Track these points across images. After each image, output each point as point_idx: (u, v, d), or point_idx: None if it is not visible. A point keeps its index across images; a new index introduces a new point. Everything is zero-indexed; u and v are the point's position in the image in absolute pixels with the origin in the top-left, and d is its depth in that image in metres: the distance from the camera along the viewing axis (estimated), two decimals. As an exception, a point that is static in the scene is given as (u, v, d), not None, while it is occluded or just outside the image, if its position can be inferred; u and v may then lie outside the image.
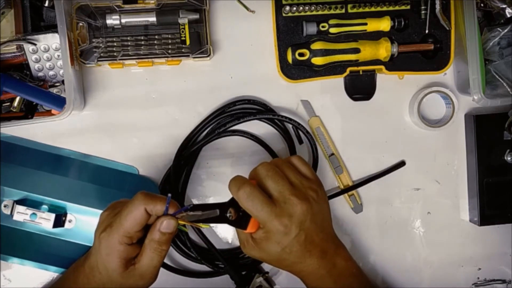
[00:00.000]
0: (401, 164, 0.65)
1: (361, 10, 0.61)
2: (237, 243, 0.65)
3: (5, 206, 0.60)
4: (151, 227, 0.48)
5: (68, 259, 0.61)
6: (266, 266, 0.64)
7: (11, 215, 0.60)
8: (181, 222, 0.49)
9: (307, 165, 0.54)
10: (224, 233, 0.65)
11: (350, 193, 0.65)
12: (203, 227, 0.57)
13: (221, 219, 0.49)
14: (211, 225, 0.64)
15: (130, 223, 0.47)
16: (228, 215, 0.49)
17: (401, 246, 0.66)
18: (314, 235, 0.49)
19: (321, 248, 0.50)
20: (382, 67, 0.61)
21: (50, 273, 0.63)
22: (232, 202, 0.50)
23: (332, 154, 0.64)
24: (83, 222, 0.62)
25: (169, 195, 0.48)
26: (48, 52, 0.59)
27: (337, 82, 0.64)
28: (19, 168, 0.62)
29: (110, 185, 0.63)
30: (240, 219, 0.49)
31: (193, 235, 0.63)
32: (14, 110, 0.59)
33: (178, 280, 0.63)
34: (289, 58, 0.61)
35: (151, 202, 0.47)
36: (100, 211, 0.52)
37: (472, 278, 0.67)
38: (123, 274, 0.48)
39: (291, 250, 0.49)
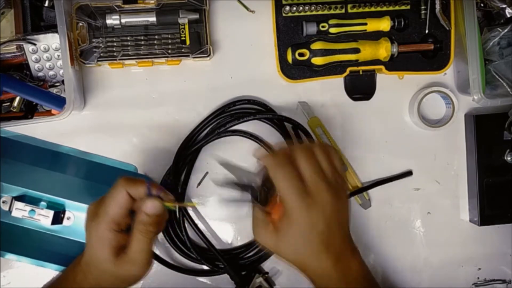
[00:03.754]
0: (408, 173, 0.65)
1: (361, 10, 0.61)
2: (237, 243, 0.65)
3: (3, 202, 0.60)
4: (137, 210, 0.48)
5: (66, 256, 0.61)
6: (266, 266, 0.64)
7: (10, 211, 0.60)
8: (168, 205, 0.49)
9: (339, 159, 0.50)
10: (224, 233, 0.65)
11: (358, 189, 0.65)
12: (190, 206, 0.57)
13: (251, 199, 0.47)
14: (207, 212, 0.64)
15: (114, 208, 0.47)
16: (258, 196, 0.47)
17: (401, 246, 0.66)
18: (335, 232, 0.47)
19: (339, 248, 0.48)
20: (382, 67, 0.61)
21: (50, 274, 0.63)
22: (264, 181, 0.47)
23: (335, 152, 0.64)
24: (82, 219, 0.62)
25: (147, 176, 0.48)
26: (48, 52, 0.59)
27: (337, 82, 0.64)
28: (18, 164, 0.62)
29: (109, 182, 0.62)
30: (265, 196, 0.47)
31: (193, 235, 0.63)
32: (14, 110, 0.59)
33: (178, 279, 0.63)
34: (289, 58, 0.61)
35: (133, 185, 0.48)
36: None
37: (472, 278, 0.67)
38: (115, 263, 0.48)
39: (308, 238, 0.46)
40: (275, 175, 0.45)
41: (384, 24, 0.61)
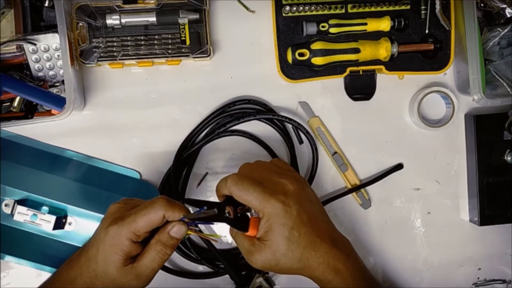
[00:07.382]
0: (399, 166, 0.65)
1: (361, 10, 0.61)
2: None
3: (6, 206, 0.60)
4: (161, 229, 0.48)
5: (66, 261, 0.61)
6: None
7: (12, 215, 0.60)
8: (190, 233, 0.49)
9: (288, 165, 0.55)
10: (224, 233, 0.65)
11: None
12: (215, 237, 0.58)
13: (220, 218, 0.48)
14: (214, 225, 0.64)
15: (144, 223, 0.47)
16: (226, 213, 0.48)
17: (401, 246, 0.66)
18: (316, 217, 0.48)
19: (329, 235, 0.48)
20: (382, 67, 0.61)
21: (50, 274, 0.63)
22: (227, 201, 0.49)
23: (335, 152, 0.64)
24: (83, 225, 0.62)
25: (190, 209, 0.49)
26: (48, 52, 0.59)
27: (337, 82, 0.64)
28: (21, 168, 0.62)
29: (112, 189, 0.62)
30: (240, 221, 0.48)
31: (192, 235, 0.63)
32: (14, 110, 0.59)
33: (178, 282, 0.63)
34: (289, 58, 0.61)
35: (171, 209, 0.47)
36: (101, 216, 0.51)
37: (472, 278, 0.67)
38: (120, 270, 0.48)
39: (299, 231, 0.46)
40: (239, 194, 0.47)
41: (384, 24, 0.61)
